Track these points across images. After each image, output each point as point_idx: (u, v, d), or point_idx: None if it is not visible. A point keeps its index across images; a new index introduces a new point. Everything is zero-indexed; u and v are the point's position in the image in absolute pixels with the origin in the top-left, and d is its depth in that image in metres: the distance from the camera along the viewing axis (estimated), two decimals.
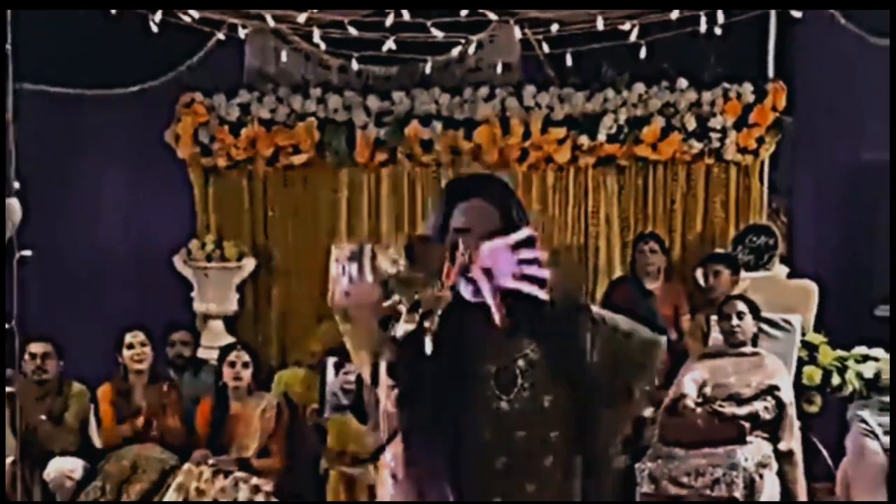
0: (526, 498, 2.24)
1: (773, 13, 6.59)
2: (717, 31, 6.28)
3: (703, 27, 6.24)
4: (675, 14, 6.12)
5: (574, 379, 2.28)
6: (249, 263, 7.69)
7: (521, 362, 2.27)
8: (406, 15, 6.11)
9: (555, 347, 2.28)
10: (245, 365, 6.23)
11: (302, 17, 6.30)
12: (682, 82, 7.36)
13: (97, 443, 6.28)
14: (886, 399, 5.79)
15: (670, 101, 7.37)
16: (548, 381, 2.26)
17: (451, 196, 2.28)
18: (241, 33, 6.69)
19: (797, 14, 6.48)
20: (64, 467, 6.01)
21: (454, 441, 2.21)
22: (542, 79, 7.51)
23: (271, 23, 6.51)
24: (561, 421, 2.26)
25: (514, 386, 2.25)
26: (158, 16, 6.19)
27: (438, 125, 7.45)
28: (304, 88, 7.64)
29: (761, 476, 5.52)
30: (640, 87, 7.37)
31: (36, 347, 6.18)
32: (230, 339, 7.17)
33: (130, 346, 6.32)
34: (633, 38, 6.46)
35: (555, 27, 6.51)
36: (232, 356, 6.27)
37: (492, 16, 6.37)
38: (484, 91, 7.46)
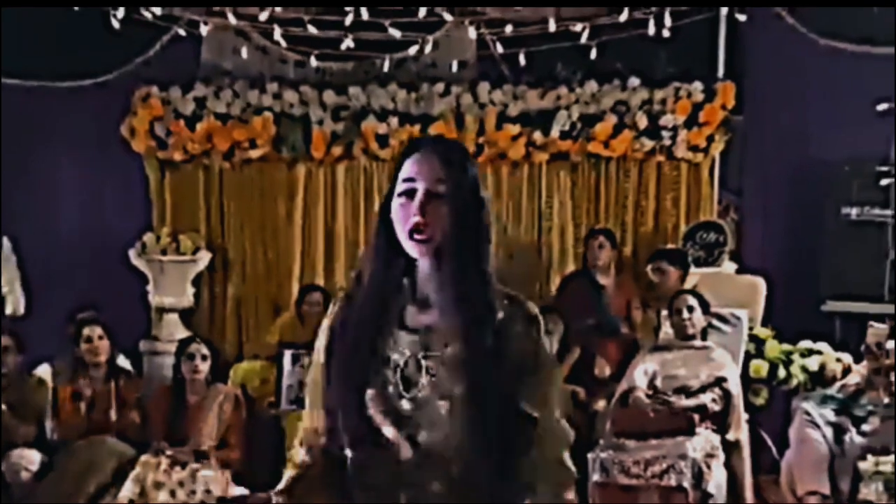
0: (433, 498, 2.20)
1: (723, 13, 6.69)
2: (666, 33, 6.37)
3: (651, 30, 6.33)
4: (624, 16, 6.21)
5: (479, 378, 2.19)
6: (205, 257, 7.72)
7: (428, 360, 2.22)
8: (364, 14, 6.16)
9: (473, 334, 2.21)
10: (203, 358, 6.26)
11: (263, 16, 6.33)
12: (634, 81, 7.48)
13: (53, 435, 6.27)
14: (829, 392, 5.94)
15: (622, 99, 7.49)
16: (449, 384, 2.20)
17: (407, 151, 2.28)
18: (203, 30, 6.69)
19: (742, 17, 6.59)
20: (22, 459, 6.01)
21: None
22: (496, 76, 7.59)
23: (233, 20, 6.52)
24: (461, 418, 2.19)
25: (416, 384, 2.21)
26: (121, 13, 6.18)
27: (394, 121, 7.51)
28: (261, 83, 7.67)
29: (709, 466, 5.63)
30: (592, 86, 7.48)
31: None
32: (186, 333, 7.20)
33: (88, 340, 6.31)
34: (584, 39, 6.54)
35: (509, 28, 6.59)
36: (191, 349, 6.30)
37: (448, 16, 6.43)
38: (439, 87, 7.54)
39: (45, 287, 7.46)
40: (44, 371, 6.53)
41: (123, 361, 6.73)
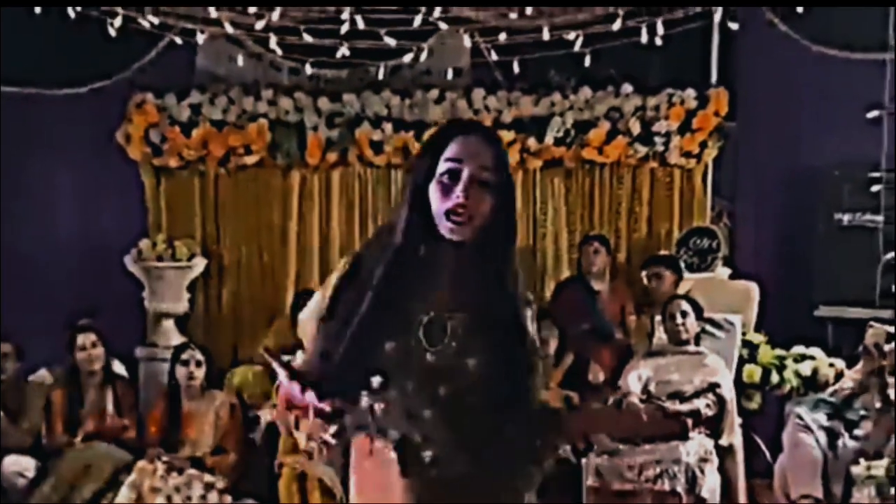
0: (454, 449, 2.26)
1: (716, 20, 6.73)
2: (658, 41, 6.41)
3: (644, 38, 6.36)
4: (617, 25, 6.25)
5: (503, 349, 2.31)
6: (200, 263, 7.73)
7: (451, 321, 2.29)
8: (360, 23, 6.20)
9: (503, 313, 2.32)
10: (198, 364, 6.29)
11: (259, 25, 6.36)
12: (628, 87, 7.52)
13: (48, 442, 6.28)
14: (822, 396, 5.97)
15: (616, 105, 7.52)
16: (474, 345, 2.29)
17: (449, 131, 2.32)
18: (199, 38, 6.71)
19: (734, 26, 6.63)
20: (17, 465, 6.03)
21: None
22: (490, 82, 7.63)
23: (230, 29, 6.55)
24: (483, 383, 2.29)
25: (440, 341, 2.28)
26: (118, 21, 6.21)
27: (389, 127, 7.54)
28: (256, 90, 7.70)
29: (703, 471, 5.67)
30: (586, 92, 7.52)
31: None
32: (182, 339, 7.21)
33: (82, 348, 6.33)
34: (577, 47, 6.57)
35: (503, 36, 6.62)
36: (185, 355, 6.32)
37: (443, 25, 6.46)
38: (434, 94, 7.58)
39: (42, 293, 7.47)
40: (41, 377, 6.55)
41: (119, 367, 6.74)
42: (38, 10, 6.09)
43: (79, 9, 6.13)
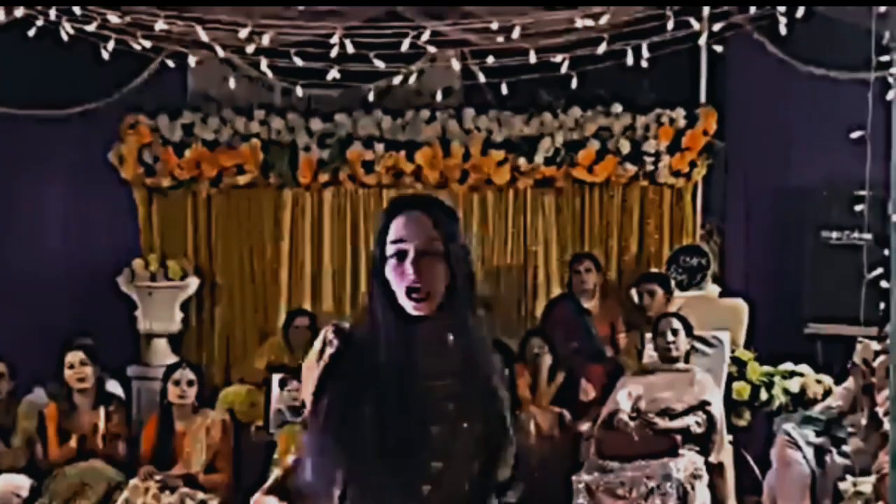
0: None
1: (703, 40, 6.78)
2: (644, 63, 6.47)
3: (629, 61, 6.42)
4: (602, 48, 6.30)
5: (485, 416, 2.30)
6: (193, 282, 7.76)
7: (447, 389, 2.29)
8: (350, 47, 6.26)
9: (479, 379, 2.32)
10: (190, 383, 6.29)
11: (250, 49, 6.42)
12: (617, 107, 7.57)
13: (42, 461, 6.29)
14: (810, 413, 6.01)
15: (605, 125, 7.57)
16: (460, 412, 2.28)
17: (391, 212, 2.32)
18: (191, 61, 6.77)
19: (719, 48, 6.68)
20: (11, 485, 6.04)
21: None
22: (481, 102, 7.69)
23: (221, 53, 6.61)
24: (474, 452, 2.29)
25: (444, 412, 2.27)
26: (111, 44, 6.26)
27: (380, 147, 7.59)
28: (248, 110, 7.75)
29: (693, 487, 5.70)
30: (576, 112, 7.57)
31: None
32: (174, 358, 7.24)
33: (71, 366, 6.34)
34: (564, 69, 6.63)
35: (490, 59, 6.69)
36: (176, 374, 6.33)
37: (432, 49, 6.52)
38: (425, 114, 7.63)
39: (36, 313, 7.49)
40: (35, 396, 6.57)
41: (115, 386, 6.76)
42: (31, 32, 6.12)
43: (72, 31, 6.17)
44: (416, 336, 2.27)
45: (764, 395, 6.57)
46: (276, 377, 6.75)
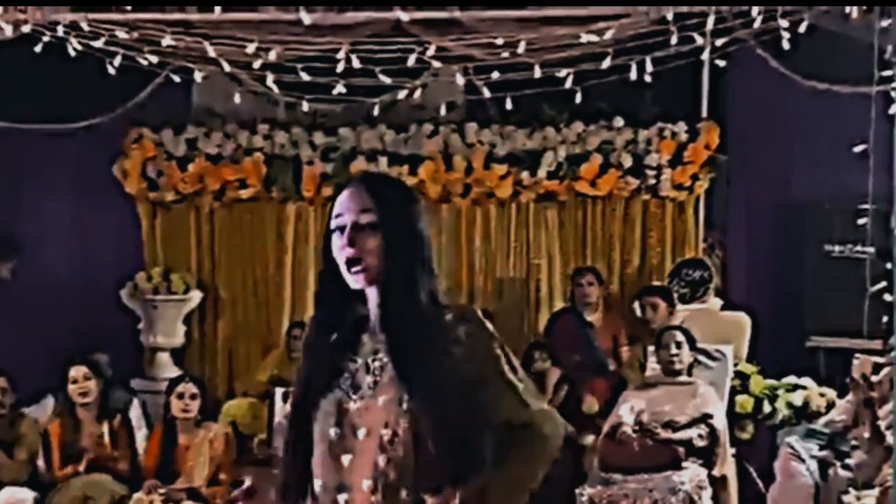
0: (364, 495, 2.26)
1: (706, 54, 6.80)
2: (648, 78, 6.49)
3: (633, 75, 6.45)
4: (606, 63, 6.33)
5: (420, 386, 2.26)
6: (196, 296, 7.78)
7: (375, 361, 2.32)
8: (355, 62, 6.29)
9: (408, 347, 2.29)
10: (193, 396, 6.28)
11: (257, 64, 6.46)
12: (619, 121, 7.60)
13: (46, 474, 6.29)
14: (814, 426, 6.02)
15: (608, 138, 7.60)
16: (391, 381, 2.28)
17: (338, 190, 2.39)
18: (197, 76, 6.80)
19: (721, 63, 6.70)
20: (14, 498, 6.03)
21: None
22: (484, 116, 7.72)
23: (227, 68, 6.65)
24: (394, 419, 2.26)
25: (362, 384, 2.31)
26: (118, 60, 6.29)
27: (384, 161, 7.61)
28: (251, 124, 7.78)
29: (697, 499, 5.70)
30: (578, 126, 7.60)
31: None
32: (178, 372, 7.25)
33: (75, 381, 6.34)
34: (568, 84, 6.66)
35: (495, 74, 6.72)
36: (180, 388, 6.33)
37: (437, 64, 6.55)
38: (428, 128, 7.66)
39: (39, 326, 7.48)
40: (40, 408, 6.57)
41: (123, 395, 6.76)
42: (37, 48, 6.16)
43: (79, 46, 6.20)
44: (359, 311, 2.33)
45: (767, 408, 6.58)
46: (278, 390, 6.74)
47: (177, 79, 6.94)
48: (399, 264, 2.27)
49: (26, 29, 6.07)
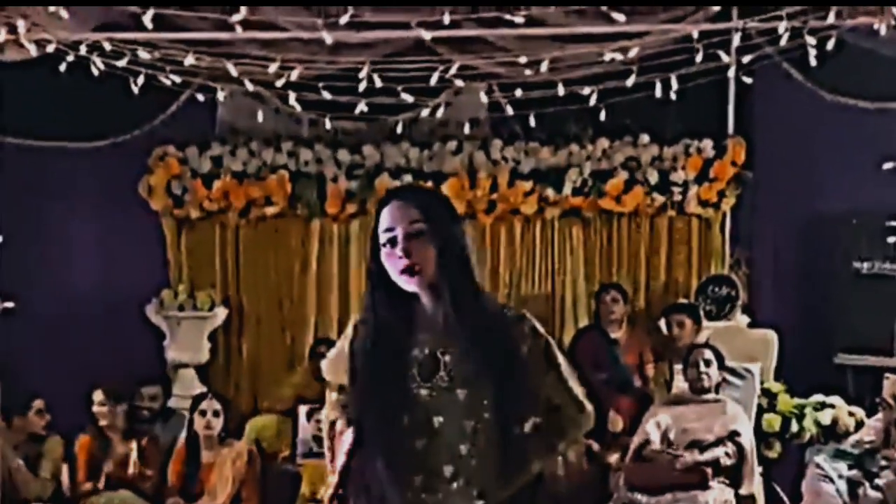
0: (443, 480, 2.45)
1: (731, 71, 6.78)
2: (672, 95, 6.47)
3: (658, 93, 6.42)
4: (631, 81, 6.31)
5: (494, 380, 2.48)
6: (221, 313, 7.79)
7: (447, 356, 2.49)
8: (377, 81, 6.31)
9: (483, 348, 2.48)
10: (216, 413, 6.29)
11: (280, 83, 6.48)
12: (645, 137, 7.57)
13: (70, 491, 6.30)
14: (843, 447, 5.96)
15: (633, 155, 7.57)
16: (466, 375, 2.47)
17: (381, 205, 2.54)
18: (220, 95, 6.83)
19: (748, 80, 6.67)
20: None
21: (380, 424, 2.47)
22: (508, 133, 7.70)
23: (250, 87, 6.68)
24: (477, 412, 2.47)
25: (434, 376, 2.48)
26: (141, 79, 6.33)
27: (408, 178, 7.60)
28: (276, 142, 7.79)
29: None
30: (603, 142, 7.57)
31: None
32: (202, 388, 7.24)
33: (102, 403, 6.36)
34: (592, 102, 6.64)
35: (518, 91, 6.71)
36: (203, 405, 6.33)
37: (459, 83, 6.55)
38: (452, 145, 7.65)
39: (65, 344, 7.52)
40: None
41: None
42: (62, 67, 6.21)
43: (102, 66, 6.24)
44: (414, 313, 2.52)
45: (795, 427, 6.51)
46: (302, 408, 6.74)
47: (200, 97, 6.97)
48: (452, 266, 2.47)
49: (50, 49, 6.10)
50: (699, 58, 6.19)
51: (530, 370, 2.54)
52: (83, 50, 6.18)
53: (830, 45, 6.17)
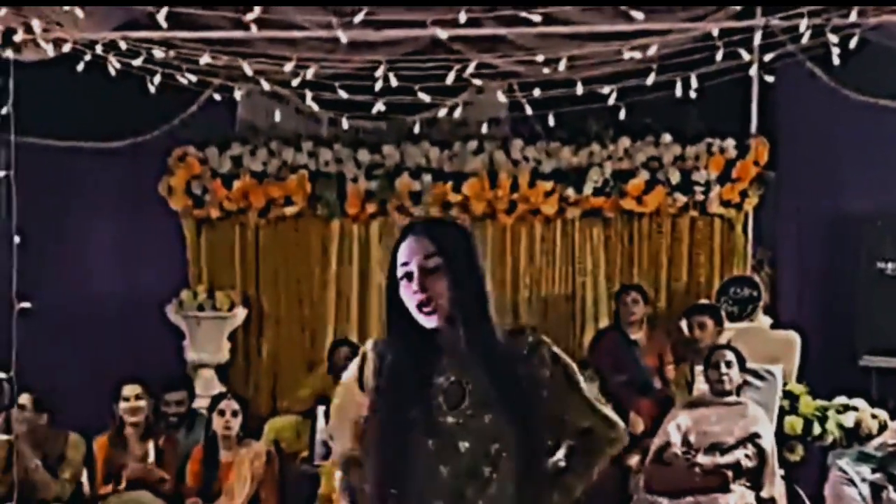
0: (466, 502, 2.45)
1: (754, 70, 6.72)
2: (693, 94, 6.41)
3: (678, 92, 6.37)
4: (650, 79, 6.26)
5: (517, 406, 2.48)
6: (241, 313, 7.79)
7: (470, 385, 2.49)
8: (393, 80, 6.28)
9: (503, 380, 2.48)
10: (234, 414, 6.27)
11: (295, 82, 6.47)
12: (667, 137, 7.52)
13: (90, 492, 6.30)
14: (866, 449, 5.89)
15: (655, 155, 7.53)
16: (490, 402, 2.47)
17: (400, 238, 2.55)
18: (237, 94, 6.83)
19: (770, 79, 6.61)
20: None
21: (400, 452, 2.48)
22: (529, 132, 7.66)
23: (266, 86, 6.67)
24: (500, 435, 2.47)
25: (461, 402, 2.48)
26: (157, 79, 6.33)
27: (428, 178, 7.58)
28: (296, 142, 7.79)
29: None
30: (625, 142, 7.53)
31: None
32: (221, 388, 7.24)
33: (126, 399, 6.35)
34: (611, 100, 6.59)
35: (537, 91, 6.67)
36: (222, 405, 6.31)
37: (477, 82, 6.52)
38: (472, 145, 7.62)
39: (85, 343, 7.53)
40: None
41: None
42: (80, 67, 6.21)
43: (118, 66, 6.24)
44: (434, 347, 2.52)
45: (817, 430, 6.46)
46: (321, 409, 6.71)
47: (217, 97, 6.97)
48: (467, 301, 2.47)
49: (67, 48, 6.10)
50: (719, 56, 6.12)
51: (553, 395, 2.54)
52: (99, 49, 6.17)
53: (853, 43, 6.09)
